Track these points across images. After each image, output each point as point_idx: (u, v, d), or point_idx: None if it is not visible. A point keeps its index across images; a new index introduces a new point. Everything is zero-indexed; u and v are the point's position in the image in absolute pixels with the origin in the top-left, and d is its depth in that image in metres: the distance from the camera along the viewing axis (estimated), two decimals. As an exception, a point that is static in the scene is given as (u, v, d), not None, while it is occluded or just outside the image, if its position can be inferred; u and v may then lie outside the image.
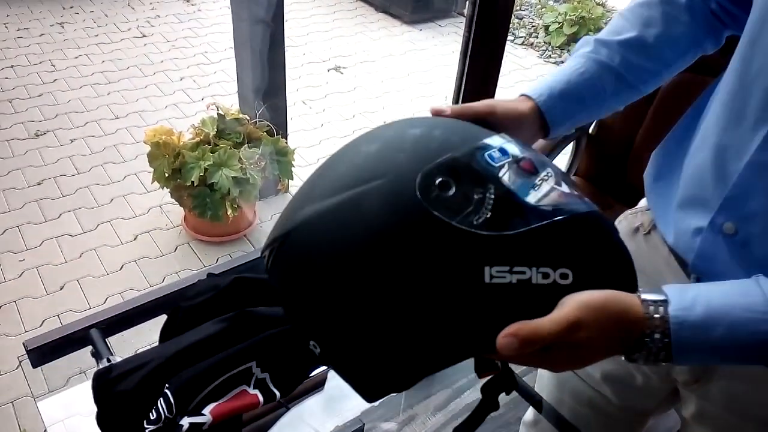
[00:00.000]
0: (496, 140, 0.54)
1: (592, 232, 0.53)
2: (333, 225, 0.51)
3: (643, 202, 0.81)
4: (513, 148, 0.54)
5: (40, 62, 3.76)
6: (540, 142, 1.56)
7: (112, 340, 1.04)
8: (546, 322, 0.48)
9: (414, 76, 3.95)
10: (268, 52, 2.50)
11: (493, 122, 0.61)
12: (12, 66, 3.68)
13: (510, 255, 0.49)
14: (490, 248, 0.49)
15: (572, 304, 0.49)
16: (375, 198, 0.50)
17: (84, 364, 1.68)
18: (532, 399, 0.87)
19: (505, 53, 1.65)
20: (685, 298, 0.50)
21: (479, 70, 1.57)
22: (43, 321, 2.13)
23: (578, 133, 1.65)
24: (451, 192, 0.49)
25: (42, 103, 3.35)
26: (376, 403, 1.20)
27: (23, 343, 0.92)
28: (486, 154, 0.52)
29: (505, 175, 0.51)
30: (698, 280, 0.67)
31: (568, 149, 1.72)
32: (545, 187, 0.52)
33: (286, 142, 2.48)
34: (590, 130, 1.69)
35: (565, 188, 0.53)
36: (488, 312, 0.50)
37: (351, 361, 0.55)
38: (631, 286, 0.54)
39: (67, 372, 1.87)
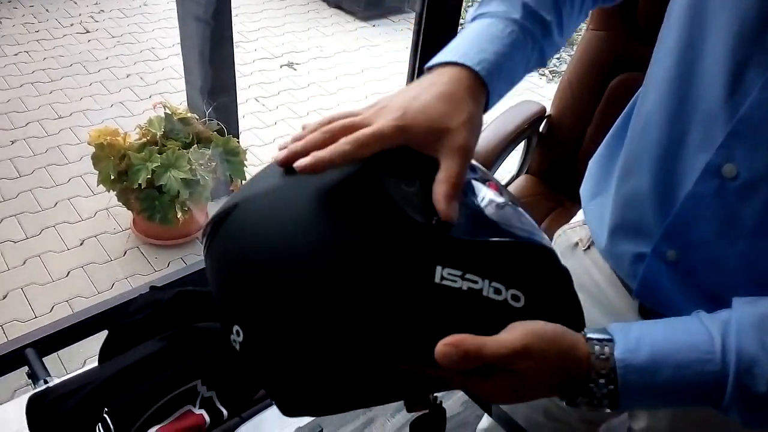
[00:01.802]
0: None
1: (549, 266, 0.52)
2: (285, 201, 0.48)
3: (580, 215, 0.79)
4: (480, 171, 0.53)
5: (-24, 59, 3.59)
6: (491, 142, 1.56)
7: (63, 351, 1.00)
8: (492, 342, 0.46)
9: (368, 72, 3.93)
10: (216, 48, 2.44)
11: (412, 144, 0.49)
12: (-54, 64, 3.51)
13: (465, 260, 0.47)
14: (446, 248, 0.47)
15: (522, 330, 0.47)
16: (338, 178, 0.48)
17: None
18: (485, 405, 0.87)
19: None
20: (630, 338, 0.48)
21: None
22: (-16, 332, 2.05)
23: (529, 132, 1.66)
24: (416, 187, 0.48)
25: (-21, 103, 3.21)
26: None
27: (-48, 367, 0.87)
28: None
29: (473, 188, 0.50)
30: (642, 305, 0.67)
31: (520, 147, 1.73)
32: (509, 211, 0.51)
33: (238, 142, 2.43)
34: (541, 129, 1.70)
35: (528, 220, 0.53)
36: (433, 314, 0.47)
37: (274, 356, 0.50)
38: (579, 326, 0.53)
39: (13, 384, 1.80)
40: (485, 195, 0.51)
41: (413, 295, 0.46)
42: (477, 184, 0.52)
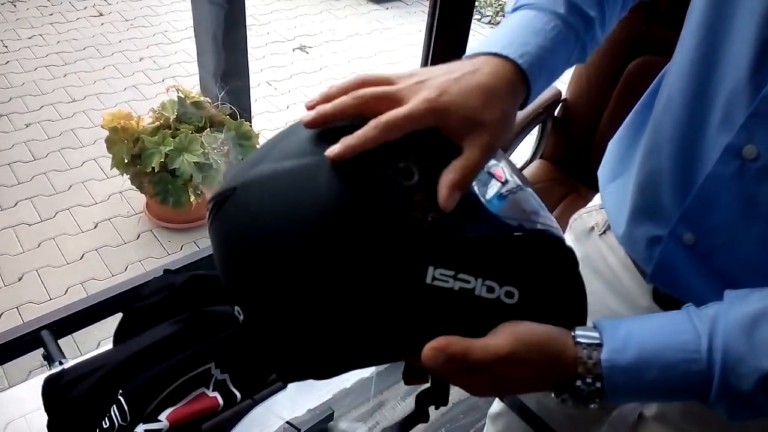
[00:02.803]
0: None
1: (549, 256, 0.50)
2: (282, 188, 0.47)
3: (597, 200, 0.79)
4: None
5: (-9, 43, 3.61)
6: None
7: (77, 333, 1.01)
8: (478, 347, 0.46)
9: (381, 56, 3.90)
10: (229, 32, 2.43)
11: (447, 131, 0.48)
12: (-39, 47, 3.53)
13: (457, 260, 0.46)
14: (438, 248, 0.46)
15: (508, 335, 0.47)
16: (332, 168, 0.46)
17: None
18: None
19: (472, 33, 1.63)
20: (617, 338, 0.48)
21: (444, 50, 1.55)
22: (1, 314, 2.07)
23: (544, 116, 1.65)
24: (413, 181, 0.46)
25: (-6, 86, 3.23)
26: (347, 388, 1.20)
27: (-31, 348, 0.88)
28: None
29: (478, 179, 0.48)
30: (656, 289, 0.66)
31: (534, 132, 1.71)
32: (511, 200, 0.49)
33: (250, 126, 2.43)
34: (556, 113, 1.68)
35: (534, 205, 0.51)
36: (422, 314, 0.47)
37: (272, 336, 0.51)
38: (579, 321, 0.52)
39: (27, 366, 1.82)
40: (488, 185, 0.49)
41: (403, 296, 0.46)
42: (482, 174, 0.49)
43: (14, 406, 0.90)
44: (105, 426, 0.73)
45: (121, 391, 0.74)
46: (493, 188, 0.49)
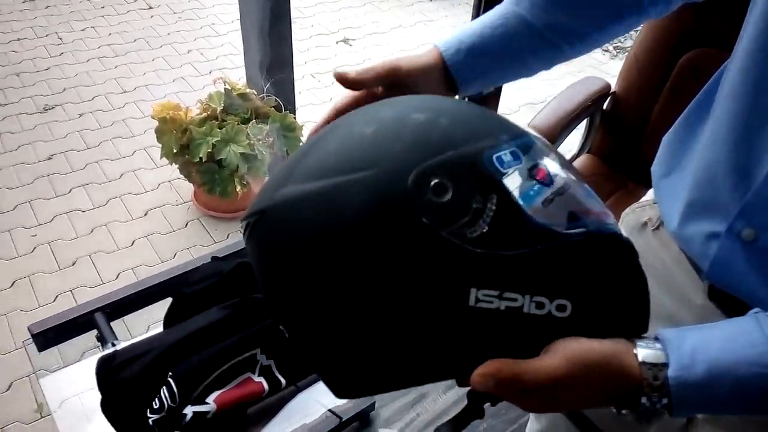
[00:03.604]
0: (514, 140, 0.47)
1: (602, 259, 0.47)
2: (308, 213, 0.45)
3: (650, 194, 0.77)
4: (530, 152, 0.47)
5: (47, 35, 3.72)
6: (551, 119, 1.52)
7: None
8: (530, 371, 0.44)
9: (424, 48, 3.87)
10: (274, 24, 2.45)
11: (398, 82, 0.60)
12: (18, 39, 3.65)
13: (502, 278, 0.44)
14: (480, 268, 0.43)
15: (562, 356, 0.45)
16: (359, 191, 0.44)
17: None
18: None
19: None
20: (683, 353, 0.45)
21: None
22: (57, 296, 2.15)
23: (592, 109, 1.61)
24: (447, 197, 0.43)
25: (49, 77, 3.33)
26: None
27: (28, 328, 0.92)
28: (495, 157, 0.45)
29: (513, 185, 0.45)
30: (712, 286, 0.64)
31: (582, 126, 1.68)
32: (558, 202, 0.46)
33: (294, 117, 2.45)
34: (605, 106, 1.65)
35: (583, 203, 0.47)
36: (468, 336, 0.45)
37: (315, 356, 0.50)
38: (640, 327, 0.49)
39: (82, 346, 1.89)
40: (532, 190, 0.46)
41: (445, 319, 0.44)
42: (523, 178, 0.46)
43: (68, 385, 0.94)
44: (155, 407, 0.76)
45: (170, 373, 0.77)
46: (537, 194, 0.46)
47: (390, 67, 0.60)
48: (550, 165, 0.47)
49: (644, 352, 0.46)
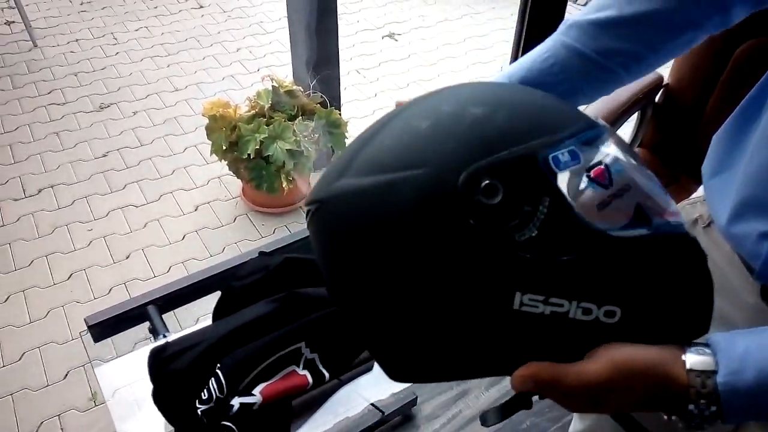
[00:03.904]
0: (576, 135, 0.44)
1: (663, 262, 0.44)
2: (362, 208, 0.46)
3: (701, 191, 0.74)
4: (592, 149, 0.44)
5: (103, 35, 3.85)
6: (601, 112, 1.49)
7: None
8: (570, 375, 0.44)
9: (470, 41, 3.85)
10: (321, 21, 2.48)
11: None
12: (77, 40, 3.79)
13: (548, 284, 0.43)
14: (526, 272, 0.43)
15: (606, 362, 0.44)
16: (411, 190, 0.44)
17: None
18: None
19: (568, 15, 1.58)
20: (733, 357, 0.44)
21: (538, 34, 1.51)
22: (111, 288, 2.23)
23: (644, 102, 1.57)
24: (497, 199, 0.42)
25: (105, 76, 3.45)
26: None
27: (84, 320, 0.96)
28: (551, 156, 0.43)
29: (568, 187, 0.43)
30: (765, 286, 0.62)
31: (633, 118, 1.64)
32: (617, 204, 0.44)
33: (340, 114, 2.47)
34: (656, 99, 1.60)
35: (648, 202, 0.45)
36: (512, 337, 0.45)
37: (367, 337, 0.52)
38: (701, 330, 0.47)
39: (134, 338, 1.95)
40: (587, 192, 0.43)
41: (490, 320, 0.44)
42: (579, 180, 0.44)
43: (121, 375, 0.98)
44: (204, 397, 0.78)
45: (219, 365, 0.79)
46: (593, 196, 0.43)
47: None
48: (613, 163, 0.45)
49: (693, 358, 0.44)
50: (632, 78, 0.65)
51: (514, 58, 1.55)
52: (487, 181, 0.43)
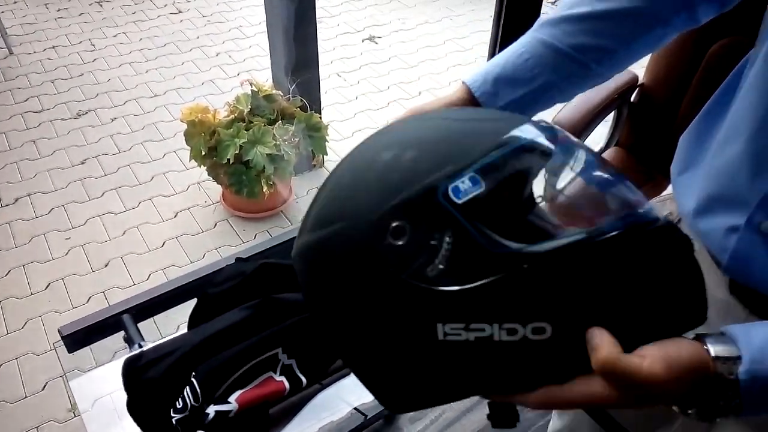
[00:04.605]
0: (479, 160, 0.44)
1: (589, 271, 0.44)
2: (312, 262, 0.50)
3: (671, 188, 0.76)
4: (498, 170, 0.45)
5: (80, 42, 3.81)
6: (578, 112, 1.50)
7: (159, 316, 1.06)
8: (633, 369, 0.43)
9: (450, 43, 3.86)
10: (299, 26, 2.47)
11: None
12: (53, 47, 3.75)
13: (465, 311, 0.43)
14: (441, 304, 0.44)
15: (660, 360, 0.44)
16: (336, 243, 0.47)
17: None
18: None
19: (543, 15, 1.58)
20: (754, 347, 0.44)
21: (514, 35, 1.52)
22: (90, 297, 2.20)
23: (619, 102, 1.58)
24: (404, 240, 0.44)
25: (83, 83, 3.41)
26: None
27: (58, 330, 0.95)
28: (451, 188, 0.44)
29: (469, 216, 0.43)
30: (732, 281, 0.63)
31: (609, 118, 1.65)
32: (527, 222, 0.45)
33: (320, 117, 2.46)
34: (632, 98, 1.61)
35: (570, 213, 0.46)
36: (447, 368, 0.46)
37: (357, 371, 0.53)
38: (695, 321, 0.47)
39: (113, 347, 1.93)
40: (483, 220, 0.43)
41: (424, 353, 0.45)
42: (480, 206, 0.44)
43: (101, 384, 0.96)
44: (178, 406, 0.77)
45: (194, 373, 0.78)
46: (496, 220, 0.44)
47: (414, 112, 0.61)
48: (524, 182, 0.47)
49: (716, 348, 0.45)
50: (606, 73, 0.67)
51: (491, 57, 1.55)
52: (395, 223, 0.44)
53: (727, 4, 0.61)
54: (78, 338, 0.94)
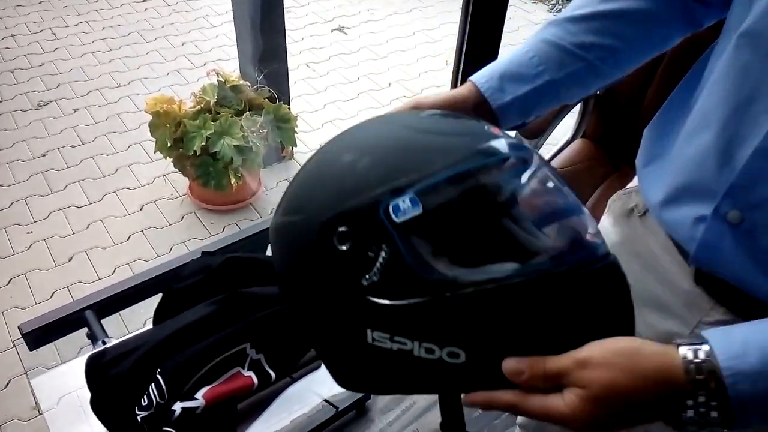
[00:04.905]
0: (422, 180, 0.45)
1: (503, 309, 0.45)
2: (276, 242, 0.54)
3: (636, 181, 0.77)
4: (436, 194, 0.45)
5: (41, 30, 3.70)
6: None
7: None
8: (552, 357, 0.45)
9: (420, 35, 3.85)
10: (266, 15, 2.44)
11: None
12: (12, 35, 3.63)
13: (391, 324, 0.46)
14: (371, 312, 0.46)
15: (590, 346, 0.45)
16: (294, 233, 0.50)
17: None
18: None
19: (513, 9, 1.59)
20: (733, 343, 0.43)
21: (481, 27, 1.52)
22: (53, 293, 2.15)
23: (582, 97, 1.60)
24: (347, 246, 0.46)
25: (44, 73, 3.32)
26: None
27: (18, 327, 0.92)
28: (392, 205, 0.45)
29: (405, 235, 0.45)
30: (698, 270, 0.64)
31: (575, 110, 1.67)
32: (455, 252, 0.46)
33: (289, 108, 2.44)
34: (598, 91, 1.63)
35: (497, 249, 0.47)
36: (382, 367, 0.48)
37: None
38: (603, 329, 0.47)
39: (79, 342, 1.89)
40: (416, 244, 0.45)
41: (355, 351, 0.48)
42: (416, 228, 0.45)
43: (66, 381, 0.94)
44: (144, 404, 0.75)
45: (159, 369, 0.77)
46: (427, 246, 0.46)
47: (418, 101, 0.62)
48: (476, 204, 0.48)
49: (687, 349, 0.43)
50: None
51: (459, 49, 1.55)
52: (341, 229, 0.46)
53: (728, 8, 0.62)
54: (39, 336, 0.92)
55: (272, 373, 0.83)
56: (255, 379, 0.81)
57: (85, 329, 0.96)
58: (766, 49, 0.52)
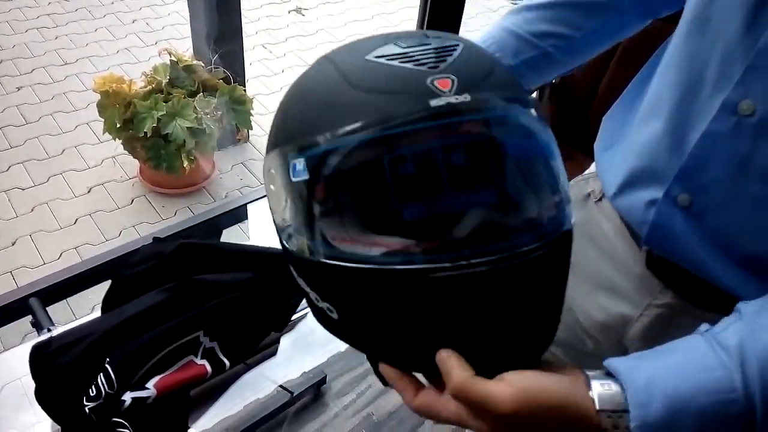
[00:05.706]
0: (315, 146, 0.44)
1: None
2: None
3: (594, 167, 0.78)
4: (322, 167, 0.44)
5: (-20, 3, 3.53)
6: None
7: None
8: (478, 390, 0.43)
9: (379, 18, 3.83)
10: (221, -7, 2.38)
11: None
12: (-51, 7, 3.46)
13: (294, 267, 0.52)
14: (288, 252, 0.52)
15: (516, 390, 0.43)
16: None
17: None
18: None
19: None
20: (638, 387, 0.43)
21: (441, 12, 1.52)
22: (-5, 278, 2.07)
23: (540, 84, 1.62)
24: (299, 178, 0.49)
25: (-16, 49, 3.17)
26: (341, 352, 1.20)
27: (-44, 316, 0.88)
28: (291, 164, 0.46)
29: (295, 194, 0.47)
30: (650, 253, 0.66)
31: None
32: (339, 225, 0.46)
33: (244, 90, 2.39)
34: (553, 80, 1.65)
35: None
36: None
37: None
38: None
39: (23, 329, 1.83)
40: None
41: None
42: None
43: (9, 368, 0.91)
44: (92, 394, 0.73)
45: (108, 359, 0.74)
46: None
47: None
48: (338, 183, 0.45)
49: (601, 393, 0.44)
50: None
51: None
52: (271, 171, 0.49)
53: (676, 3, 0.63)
54: (-21, 324, 0.88)
55: (226, 361, 0.82)
56: (209, 368, 0.80)
57: (29, 317, 0.93)
58: (712, 34, 0.53)
